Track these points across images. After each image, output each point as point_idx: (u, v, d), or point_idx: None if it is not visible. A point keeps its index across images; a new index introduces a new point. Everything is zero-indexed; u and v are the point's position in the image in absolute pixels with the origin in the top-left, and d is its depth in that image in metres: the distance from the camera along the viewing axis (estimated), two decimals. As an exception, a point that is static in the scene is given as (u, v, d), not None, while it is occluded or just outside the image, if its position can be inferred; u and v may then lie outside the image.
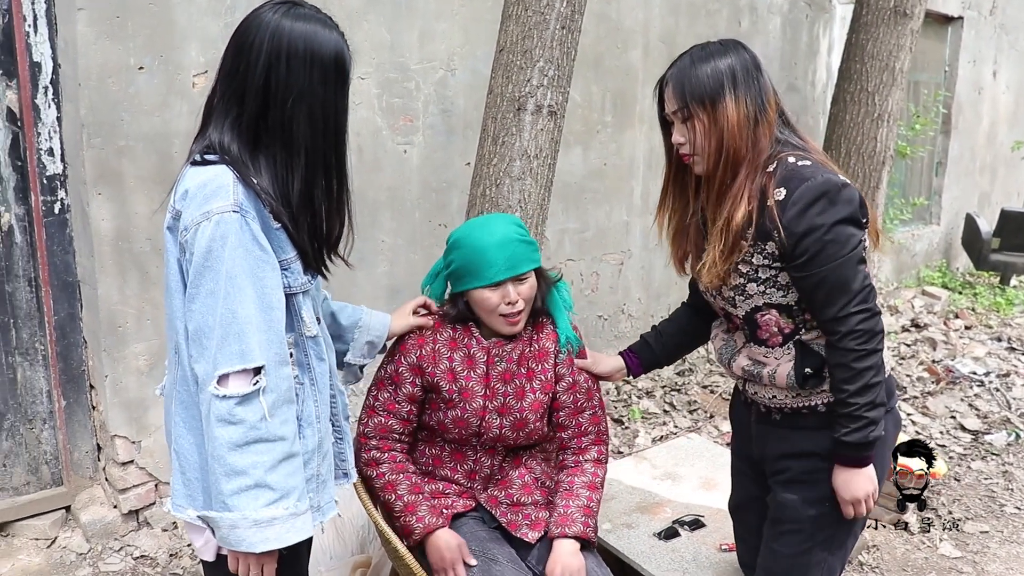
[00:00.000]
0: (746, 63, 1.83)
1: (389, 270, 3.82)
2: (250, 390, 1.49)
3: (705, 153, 1.84)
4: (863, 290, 1.78)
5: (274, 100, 1.56)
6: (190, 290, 1.53)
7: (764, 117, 1.83)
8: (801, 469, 1.95)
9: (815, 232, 1.75)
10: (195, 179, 1.56)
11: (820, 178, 1.76)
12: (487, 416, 2.12)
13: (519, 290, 2.06)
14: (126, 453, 3.19)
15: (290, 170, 1.60)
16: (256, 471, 1.49)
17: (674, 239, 2.06)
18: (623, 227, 4.90)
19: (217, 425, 1.49)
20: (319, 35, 1.58)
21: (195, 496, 1.62)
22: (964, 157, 8.14)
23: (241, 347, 1.49)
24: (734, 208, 1.83)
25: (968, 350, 5.76)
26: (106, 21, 2.86)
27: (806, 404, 1.93)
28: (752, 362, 1.97)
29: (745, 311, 1.94)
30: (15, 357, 3.13)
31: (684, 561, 2.52)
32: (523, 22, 2.56)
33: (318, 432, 1.72)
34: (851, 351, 1.78)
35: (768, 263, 1.84)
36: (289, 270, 1.62)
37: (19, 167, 3.01)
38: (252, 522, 1.49)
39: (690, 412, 4.65)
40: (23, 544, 3.17)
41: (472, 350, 2.13)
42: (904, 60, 4.44)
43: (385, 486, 2.09)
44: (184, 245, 1.54)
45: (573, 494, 2.15)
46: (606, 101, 4.61)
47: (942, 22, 7.47)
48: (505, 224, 2.09)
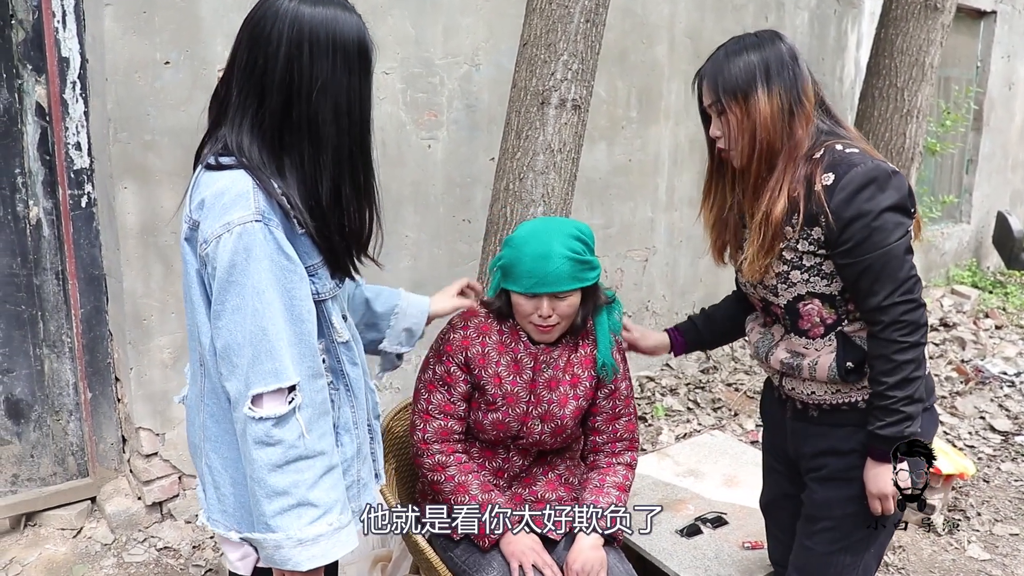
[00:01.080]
0: (780, 54, 1.81)
1: (412, 264, 3.82)
2: (286, 410, 1.44)
3: (740, 146, 1.83)
4: (908, 280, 1.75)
5: (298, 94, 1.46)
6: (215, 306, 1.45)
7: (800, 109, 1.80)
8: (838, 466, 1.93)
9: (863, 218, 1.72)
10: (211, 187, 1.46)
11: (870, 164, 1.74)
12: (529, 422, 2.10)
13: (555, 306, 2.01)
14: (150, 445, 3.22)
15: (318, 167, 1.50)
16: (298, 490, 1.44)
17: (713, 228, 2.05)
18: (648, 223, 4.87)
19: (255, 447, 1.43)
20: (340, 20, 1.48)
21: (230, 512, 1.58)
22: (996, 154, 8.01)
23: (274, 365, 1.42)
24: (772, 202, 1.81)
25: (998, 350, 5.68)
26: (133, 16, 2.88)
27: (845, 400, 1.90)
28: (791, 354, 1.94)
29: (787, 300, 1.91)
30: (43, 349, 3.17)
31: (706, 559, 2.50)
32: (547, 15, 2.54)
33: (356, 438, 1.68)
34: (893, 342, 1.75)
35: (813, 250, 1.81)
36: (316, 276, 1.55)
37: (47, 161, 3.04)
38: (297, 541, 1.45)
39: (714, 410, 4.62)
40: (49, 534, 3.21)
41: (519, 355, 2.11)
42: (934, 55, 4.36)
43: (456, 488, 2.06)
44: (205, 258, 1.45)
45: (603, 492, 2.13)
46: (631, 97, 4.58)
47: (975, 16, 7.35)
48: (562, 237, 2.01)
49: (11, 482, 3.21)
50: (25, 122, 2.98)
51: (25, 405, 3.18)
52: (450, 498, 2.06)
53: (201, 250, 1.46)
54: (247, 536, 1.54)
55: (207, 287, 1.49)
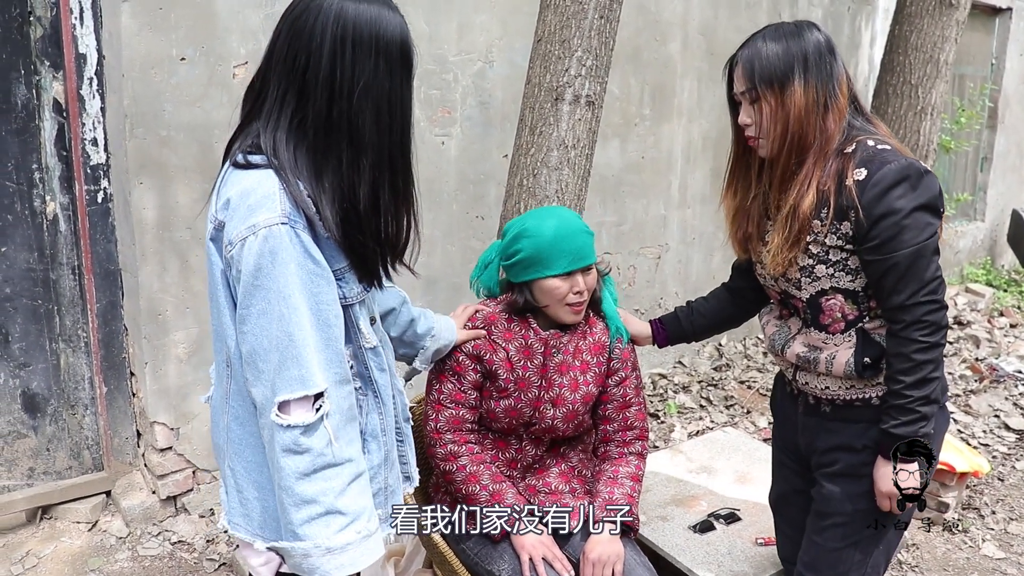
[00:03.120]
0: (819, 46, 1.79)
1: (426, 261, 3.82)
2: (314, 418, 1.41)
3: (771, 137, 1.82)
4: (933, 280, 1.74)
5: (340, 93, 1.41)
6: (240, 310, 1.41)
7: (834, 103, 1.79)
8: (850, 462, 1.92)
9: (893, 215, 1.71)
10: (237, 186, 1.42)
11: (903, 162, 1.73)
12: (541, 407, 2.11)
13: (587, 280, 2.08)
14: (165, 440, 3.24)
15: (357, 171, 1.45)
16: (326, 498, 1.42)
17: (734, 219, 2.04)
18: (661, 220, 4.87)
19: (283, 456, 1.41)
20: (385, 20, 1.43)
21: (252, 517, 1.56)
22: (1011, 152, 7.96)
23: (301, 372, 1.39)
24: (800, 196, 1.80)
25: (1013, 348, 5.65)
26: (149, 13, 2.90)
27: (859, 396, 1.90)
28: (809, 348, 1.94)
29: (810, 294, 1.90)
30: (59, 344, 3.19)
31: (719, 555, 2.50)
32: (561, 11, 2.54)
33: (384, 445, 1.66)
34: (914, 342, 1.74)
35: (841, 244, 1.80)
36: (343, 280, 1.51)
37: (64, 157, 3.06)
38: (325, 550, 1.42)
39: (727, 408, 4.61)
40: (65, 527, 3.24)
41: (529, 340, 2.12)
42: (949, 52, 4.34)
43: (468, 478, 2.07)
44: (230, 260, 1.42)
45: (618, 483, 2.14)
46: (644, 94, 4.58)
47: (990, 13, 7.31)
48: (569, 215, 2.11)
49: (27, 475, 3.24)
50: (43, 118, 3.01)
51: (41, 399, 3.21)
52: (461, 488, 2.07)
53: (226, 252, 1.42)
54: (274, 546, 1.52)
55: (232, 289, 1.46)
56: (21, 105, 2.96)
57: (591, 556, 2.00)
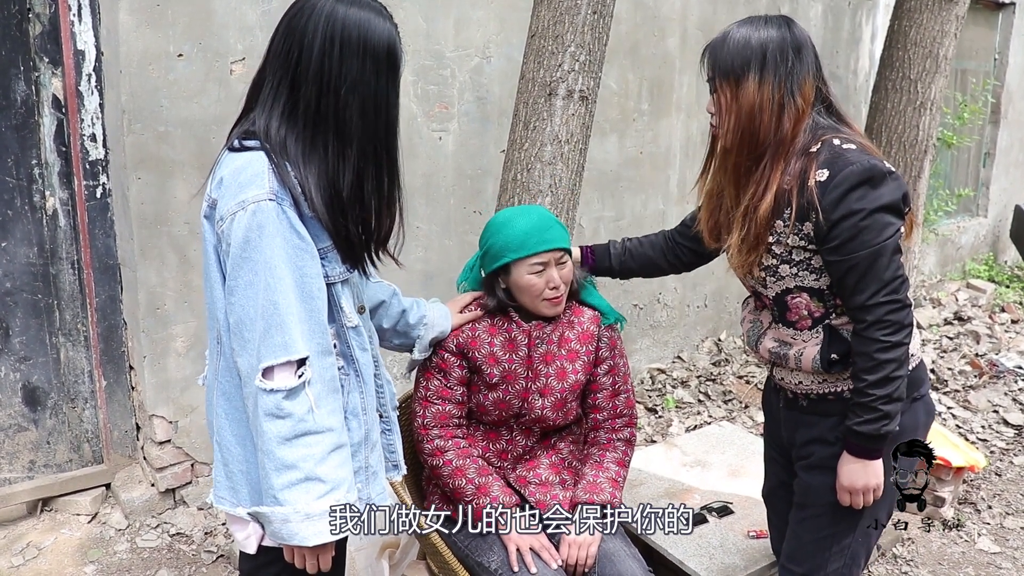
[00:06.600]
0: (784, 44, 1.77)
1: (424, 256, 3.84)
2: (296, 383, 1.47)
3: (725, 128, 1.83)
4: (894, 280, 1.74)
5: (328, 87, 1.52)
6: (229, 282, 1.50)
7: (791, 104, 1.77)
8: (824, 455, 1.93)
9: (853, 217, 1.71)
10: (230, 166, 1.53)
11: (866, 163, 1.72)
12: (529, 397, 2.14)
13: (561, 274, 2.10)
14: (164, 433, 3.27)
15: (342, 159, 1.55)
16: (306, 464, 1.47)
17: (706, 206, 2.04)
18: (659, 216, 4.88)
19: (265, 419, 1.47)
20: (373, 24, 1.53)
21: (238, 489, 1.61)
22: (1013, 147, 7.94)
23: (284, 339, 1.46)
24: (758, 198, 1.80)
25: (1014, 344, 5.64)
26: (147, 9, 2.92)
27: (832, 390, 1.91)
28: (778, 343, 1.95)
29: (775, 292, 1.91)
30: (59, 338, 3.22)
31: (711, 547, 2.52)
32: (555, 7, 2.56)
33: (364, 424, 1.70)
34: (875, 341, 1.75)
35: (804, 244, 1.81)
36: (327, 259, 1.59)
37: (63, 152, 3.09)
38: (304, 515, 1.47)
39: (725, 402, 4.62)
40: (65, 519, 3.27)
41: (513, 333, 2.15)
42: (948, 47, 4.34)
43: (454, 472, 2.09)
44: (221, 235, 1.51)
45: (603, 467, 2.18)
46: (642, 89, 4.58)
47: (993, 8, 7.29)
48: (537, 208, 2.18)
49: (28, 468, 3.27)
50: (42, 114, 3.03)
51: (42, 393, 3.23)
52: (448, 482, 2.09)
53: (218, 227, 1.51)
54: (254, 510, 1.56)
55: (223, 264, 1.54)
56: (21, 101, 2.99)
57: (568, 537, 2.04)
